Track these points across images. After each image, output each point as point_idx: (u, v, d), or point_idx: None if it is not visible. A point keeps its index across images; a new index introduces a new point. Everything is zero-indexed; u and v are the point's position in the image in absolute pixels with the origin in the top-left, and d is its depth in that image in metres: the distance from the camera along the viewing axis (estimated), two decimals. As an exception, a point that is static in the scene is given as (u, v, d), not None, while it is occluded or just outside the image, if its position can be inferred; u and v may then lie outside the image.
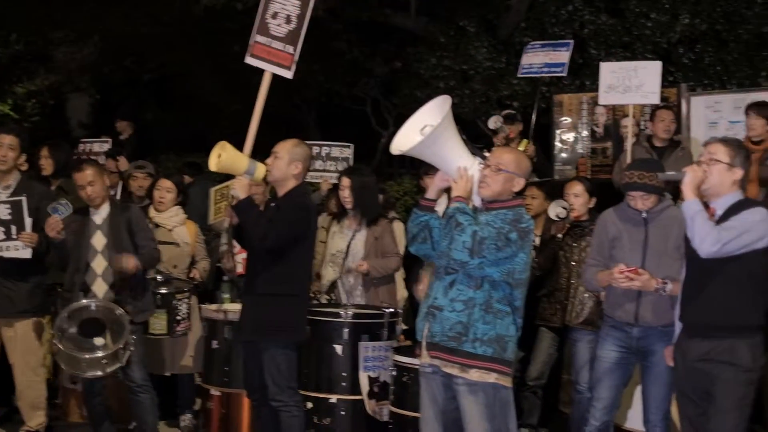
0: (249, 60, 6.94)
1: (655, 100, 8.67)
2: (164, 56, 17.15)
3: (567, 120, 10.94)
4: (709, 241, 5.15)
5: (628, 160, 8.43)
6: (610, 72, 8.87)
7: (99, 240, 6.88)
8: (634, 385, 6.36)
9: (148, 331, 7.32)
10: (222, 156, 5.98)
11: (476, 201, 5.32)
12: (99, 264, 6.85)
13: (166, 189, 8.08)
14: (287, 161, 6.21)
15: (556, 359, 7.97)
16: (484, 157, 5.39)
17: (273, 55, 6.87)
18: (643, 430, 6.23)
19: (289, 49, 6.86)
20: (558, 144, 10.96)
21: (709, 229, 5.17)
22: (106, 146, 11.18)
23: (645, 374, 6.12)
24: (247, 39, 6.92)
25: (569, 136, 10.93)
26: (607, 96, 8.90)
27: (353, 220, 7.48)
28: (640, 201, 6.05)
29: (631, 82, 8.59)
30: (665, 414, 6.08)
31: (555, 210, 7.17)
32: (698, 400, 5.43)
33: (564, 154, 10.91)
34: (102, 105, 18.78)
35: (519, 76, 11.18)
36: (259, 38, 6.89)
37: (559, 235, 7.36)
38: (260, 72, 6.81)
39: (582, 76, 13.05)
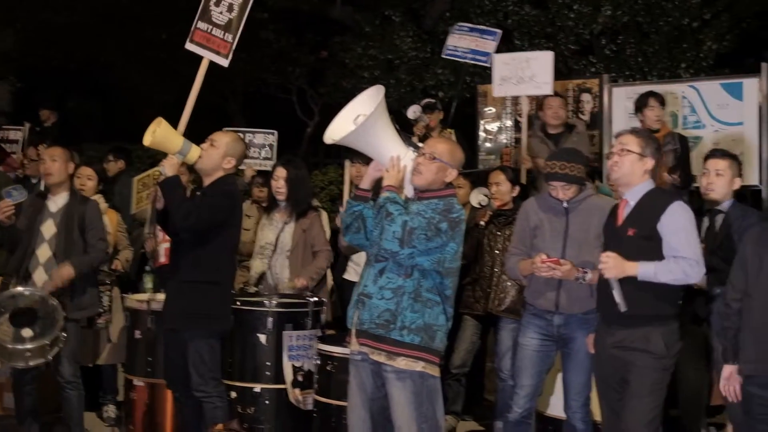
0: (189, 46, 6.92)
1: (548, 90, 8.76)
2: (91, 46, 16.90)
3: (491, 110, 11.00)
4: (694, 273, 5.30)
5: (524, 150, 8.53)
6: (503, 63, 8.95)
7: (49, 228, 6.81)
8: (556, 372, 6.44)
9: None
10: (157, 132, 5.92)
11: (408, 191, 5.35)
12: (43, 252, 6.78)
13: (86, 176, 7.96)
14: (222, 154, 6.18)
15: (480, 347, 8.05)
16: (417, 147, 5.42)
17: (212, 42, 6.86)
18: (564, 417, 6.31)
19: (228, 37, 6.85)
20: (482, 134, 11.02)
21: (676, 267, 5.29)
22: (20, 134, 11.04)
23: (566, 361, 6.20)
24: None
25: (493, 126, 10.99)
26: (500, 88, 8.99)
27: (284, 212, 7.45)
28: (562, 191, 6.11)
29: (524, 73, 8.69)
30: (585, 400, 6.16)
31: (477, 198, 7.25)
32: (616, 386, 5.53)
33: (488, 144, 10.98)
34: (25, 93, 18.48)
35: (443, 56, 11.13)
36: (201, 24, 6.88)
37: (482, 223, 7.43)
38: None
39: (505, 66, 13.12)
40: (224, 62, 6.83)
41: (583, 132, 9.37)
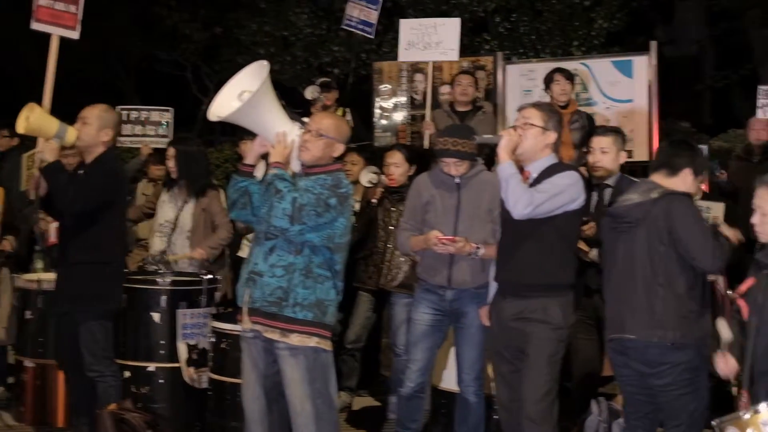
0: (34, 26, 6.76)
1: (454, 57, 8.82)
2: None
3: (387, 87, 11.02)
4: (522, 203, 5.30)
5: (428, 114, 8.56)
6: (410, 29, 8.96)
7: None
8: (449, 347, 6.51)
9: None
10: (30, 118, 5.81)
11: (295, 166, 5.34)
12: None
13: None
14: (96, 128, 6.07)
15: (376, 322, 8.09)
16: (303, 123, 5.40)
17: (57, 17, 6.73)
18: (457, 390, 6.39)
19: (72, 8, 6.72)
20: (377, 111, 11.05)
21: (522, 191, 5.32)
22: None
23: (458, 335, 6.27)
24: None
25: (389, 104, 11.02)
26: (407, 53, 9.00)
27: (182, 190, 7.39)
28: (454, 167, 6.16)
29: (430, 39, 8.72)
30: (478, 374, 6.24)
31: (367, 177, 7.26)
32: (512, 359, 5.60)
33: (384, 121, 11.00)
34: None
35: (342, 27, 11.00)
36: (42, 1, 6.71)
37: (374, 200, 7.45)
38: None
39: (401, 43, 13.15)
40: (74, 35, 6.74)
41: (490, 113, 9.43)
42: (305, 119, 5.50)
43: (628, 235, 5.12)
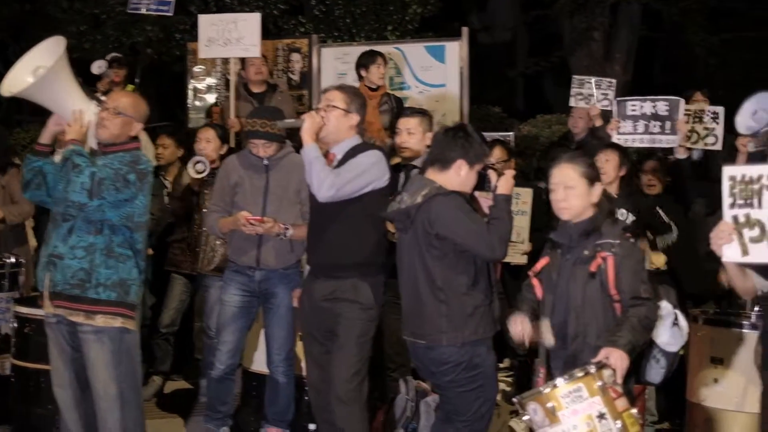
0: None
1: (255, 53, 8.74)
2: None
3: (200, 68, 10.87)
4: (326, 185, 5.32)
5: (232, 109, 8.51)
6: (210, 25, 8.84)
7: None
8: (260, 328, 6.51)
9: None
10: None
11: (92, 144, 5.23)
12: None
13: None
14: None
15: (189, 306, 8.01)
16: (100, 101, 5.29)
17: None
18: (267, 372, 6.40)
19: None
20: (191, 92, 10.90)
21: (326, 173, 5.34)
22: None
23: (268, 316, 6.29)
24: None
25: (203, 85, 10.89)
26: (207, 49, 8.88)
27: None
28: (262, 148, 6.16)
29: (231, 35, 8.63)
30: (288, 354, 6.28)
31: (193, 167, 7.11)
32: (322, 339, 5.63)
33: (197, 102, 10.86)
34: None
35: (127, 11, 10.66)
36: None
37: (197, 188, 7.33)
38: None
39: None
40: None
41: (286, 91, 9.45)
42: (102, 97, 5.39)
43: (404, 237, 5.14)
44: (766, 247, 3.94)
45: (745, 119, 5.58)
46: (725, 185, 4.03)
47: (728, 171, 4.05)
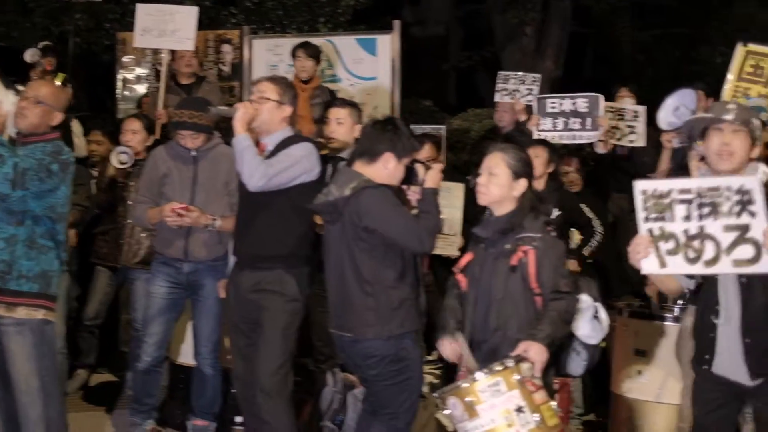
0: None
1: (190, 46, 8.68)
2: None
3: (130, 58, 10.77)
4: (257, 175, 5.33)
5: (160, 100, 8.45)
6: (146, 14, 8.76)
7: None
8: (187, 320, 6.49)
9: None
10: None
11: (11, 134, 5.16)
12: None
13: None
14: None
15: (115, 298, 7.94)
16: (17, 91, 5.23)
17: None
18: (194, 364, 6.38)
19: None
20: (120, 82, 10.80)
21: (258, 163, 5.35)
22: None
23: (195, 308, 6.28)
24: None
25: (132, 75, 10.79)
26: (142, 38, 8.81)
27: None
28: (190, 140, 6.15)
29: (166, 27, 8.57)
30: (215, 346, 6.28)
31: (117, 158, 7.06)
32: (248, 331, 5.63)
33: (126, 93, 10.76)
34: None
35: None
36: None
37: (122, 179, 7.27)
38: None
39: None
40: None
41: (215, 82, 9.44)
42: (20, 86, 5.32)
43: (332, 230, 5.12)
44: (682, 259, 4.00)
45: (666, 115, 5.67)
46: (638, 199, 4.07)
47: (640, 185, 4.08)
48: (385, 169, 5.06)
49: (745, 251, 3.86)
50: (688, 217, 3.96)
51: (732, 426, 4.52)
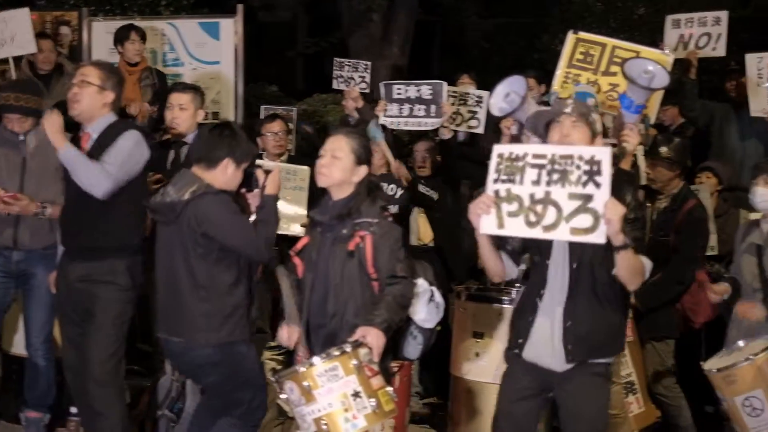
0: None
1: (32, 48, 8.39)
2: None
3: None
4: (101, 184, 5.25)
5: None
6: None
7: None
8: (19, 310, 6.32)
9: None
10: None
11: None
12: None
13: None
14: None
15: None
16: None
17: None
18: (26, 354, 6.21)
19: None
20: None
21: (95, 172, 5.27)
22: None
23: (27, 298, 6.13)
24: None
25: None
26: None
27: None
28: (18, 123, 5.99)
29: (4, 35, 8.29)
30: (47, 336, 6.15)
31: None
32: (78, 320, 5.54)
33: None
34: None
35: None
36: None
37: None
38: None
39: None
40: None
41: (73, 71, 9.11)
42: None
43: (167, 232, 5.04)
44: (522, 222, 4.08)
45: (497, 101, 5.74)
46: (493, 161, 4.18)
47: (498, 149, 4.21)
48: (224, 175, 5.01)
49: (584, 220, 3.96)
50: (537, 182, 4.06)
51: (536, 419, 4.65)
